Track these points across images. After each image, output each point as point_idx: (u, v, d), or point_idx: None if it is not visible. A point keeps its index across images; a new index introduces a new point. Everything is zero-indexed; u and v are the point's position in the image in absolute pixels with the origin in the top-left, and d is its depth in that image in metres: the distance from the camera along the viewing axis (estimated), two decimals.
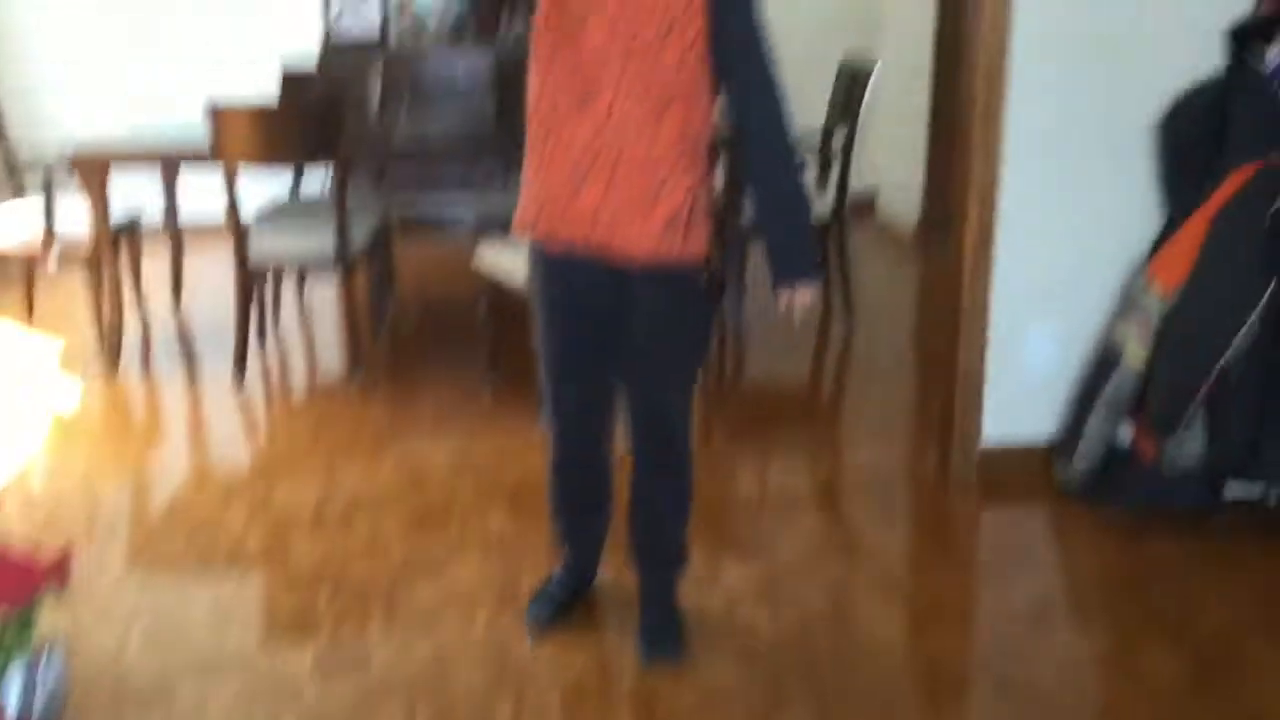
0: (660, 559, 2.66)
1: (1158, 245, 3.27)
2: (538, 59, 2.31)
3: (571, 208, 2.31)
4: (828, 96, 4.99)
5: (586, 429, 2.58)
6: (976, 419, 3.42)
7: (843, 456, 3.79)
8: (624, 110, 2.23)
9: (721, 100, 2.36)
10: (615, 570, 2.84)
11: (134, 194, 4.82)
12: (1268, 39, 3.14)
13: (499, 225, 4.80)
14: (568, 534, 2.75)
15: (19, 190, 4.71)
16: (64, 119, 6.19)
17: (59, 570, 1.39)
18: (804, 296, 2.39)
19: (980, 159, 3.24)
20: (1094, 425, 3.30)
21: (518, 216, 2.44)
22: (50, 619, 1.94)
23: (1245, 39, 3.16)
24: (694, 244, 2.31)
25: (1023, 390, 3.42)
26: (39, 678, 1.49)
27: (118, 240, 4.45)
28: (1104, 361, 3.31)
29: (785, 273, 2.37)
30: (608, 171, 2.26)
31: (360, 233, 4.33)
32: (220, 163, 4.01)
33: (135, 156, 4.36)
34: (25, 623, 1.40)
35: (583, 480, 2.66)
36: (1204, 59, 3.18)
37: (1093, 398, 3.31)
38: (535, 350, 2.56)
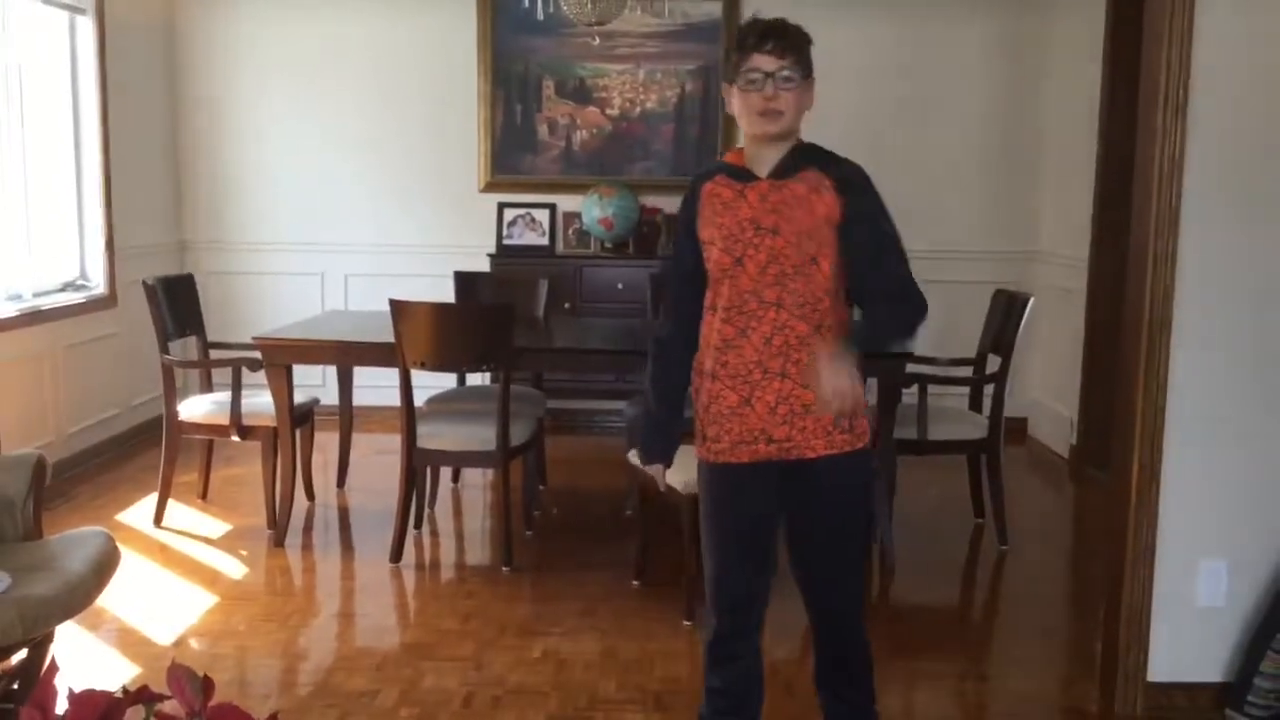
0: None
1: None
2: (705, 306, 2.60)
3: (747, 425, 2.53)
4: (982, 322, 5.06)
5: (749, 622, 2.66)
6: (1141, 655, 3.31)
7: (996, 683, 3.67)
8: (786, 332, 2.50)
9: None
10: None
11: (310, 375, 5.15)
12: None
13: None
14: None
15: (209, 376, 5.06)
16: (253, 304, 6.69)
17: None
18: (834, 354, 2.40)
19: (1145, 403, 3.23)
20: (1269, 669, 3.15)
21: (699, 439, 2.64)
22: None
23: None
24: (860, 433, 2.56)
25: (1192, 628, 3.30)
26: None
27: (295, 422, 4.72)
28: (1278, 605, 3.19)
29: (852, 337, 2.51)
30: (777, 385, 2.51)
31: (520, 429, 4.51)
32: (396, 363, 4.29)
33: (318, 350, 4.67)
34: None
35: (742, 670, 2.69)
36: None
37: (1266, 642, 3.18)
38: (702, 554, 2.67)
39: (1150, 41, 3.22)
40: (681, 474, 3.87)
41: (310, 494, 5.22)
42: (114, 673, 3.46)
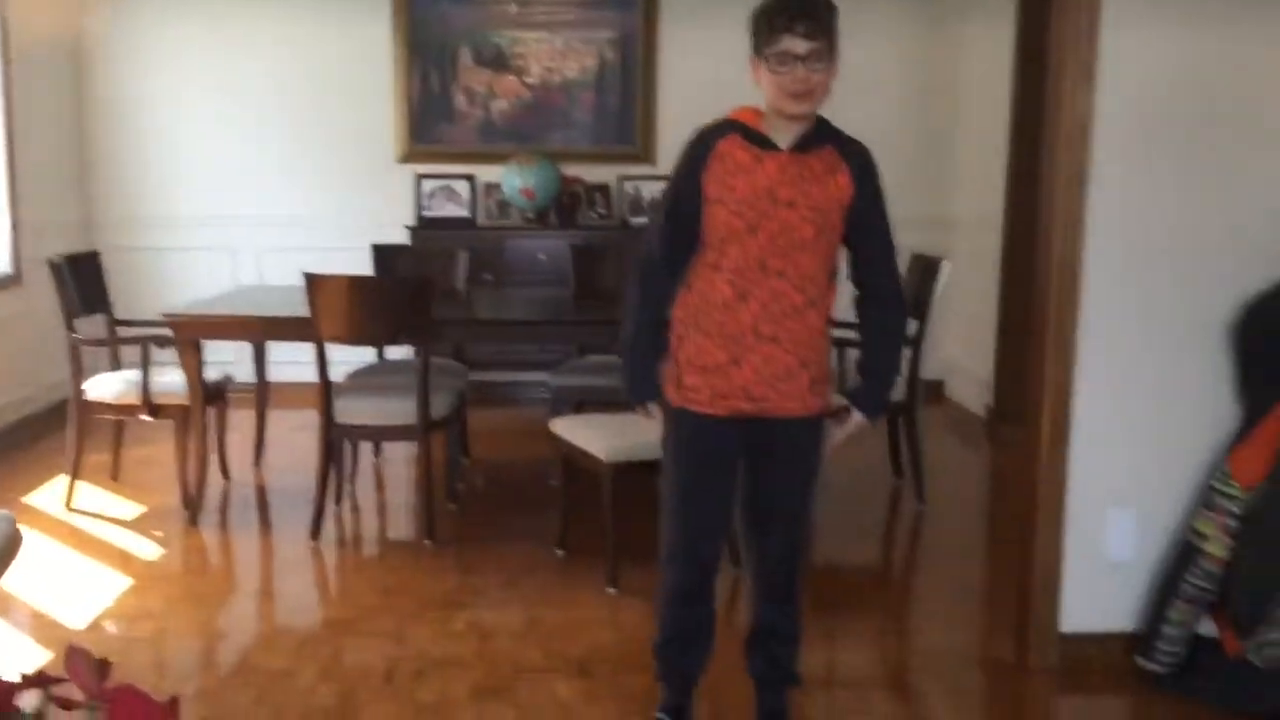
0: (785, 680, 2.91)
1: (1237, 440, 3.28)
2: (702, 261, 2.66)
3: (730, 381, 2.64)
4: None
5: (710, 567, 2.80)
6: (1054, 606, 3.39)
7: (915, 638, 3.74)
8: (783, 300, 2.60)
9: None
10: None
11: (223, 351, 5.05)
12: None
13: (573, 400, 4.95)
14: (672, 670, 2.89)
15: (117, 354, 4.93)
16: (162, 280, 6.54)
17: (172, 716, 1.43)
18: (855, 426, 2.76)
19: (1054, 354, 3.30)
20: (1175, 618, 3.25)
21: (673, 384, 2.72)
22: None
23: None
24: (825, 398, 2.74)
25: (1101, 579, 3.39)
26: None
27: (208, 399, 4.62)
28: (1184, 554, 3.28)
29: (870, 405, 2.76)
30: (766, 348, 2.62)
31: (440, 402, 4.47)
32: (311, 338, 4.22)
33: (230, 325, 4.57)
34: None
35: (697, 616, 2.84)
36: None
37: (1173, 590, 3.27)
38: (662, 499, 2.79)
39: (1058, 8, 3.26)
40: (605, 442, 3.88)
41: (226, 473, 5.13)
42: (25, 658, 3.38)
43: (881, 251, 2.70)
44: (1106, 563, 3.38)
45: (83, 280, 4.82)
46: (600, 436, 3.93)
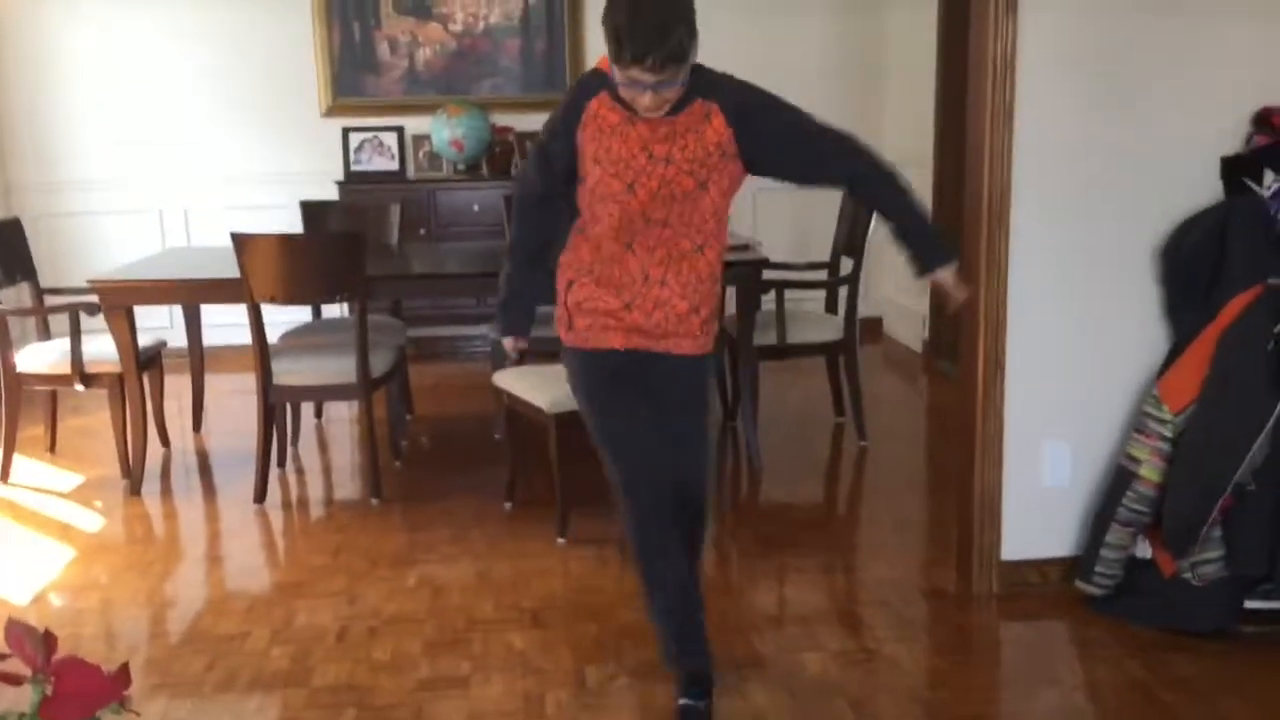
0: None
1: (1166, 365, 3.35)
2: (586, 214, 2.67)
3: (622, 322, 2.68)
4: (833, 229, 5.14)
5: (661, 476, 2.77)
6: (995, 535, 3.47)
7: (861, 573, 3.81)
8: (670, 246, 2.62)
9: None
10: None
11: (157, 317, 4.96)
12: (1262, 168, 3.28)
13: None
14: (658, 589, 2.81)
15: (46, 324, 4.82)
16: (88, 246, 6.38)
17: (120, 684, 1.42)
18: (950, 277, 2.71)
19: (986, 288, 3.35)
20: (1112, 541, 3.34)
21: (564, 326, 2.75)
22: None
23: (1242, 166, 3.30)
24: (713, 338, 2.79)
25: (1039, 507, 3.47)
26: None
27: (141, 366, 4.54)
28: (1119, 479, 3.36)
29: (940, 255, 2.71)
30: (656, 291, 2.65)
31: (380, 360, 4.43)
32: (244, 299, 4.15)
33: (159, 290, 4.48)
34: None
35: (666, 519, 2.78)
36: (1205, 184, 3.32)
37: (1110, 515, 3.35)
38: (599, 451, 2.78)
39: None
40: (547, 393, 3.88)
41: (165, 440, 5.06)
42: None
43: (814, 146, 2.65)
44: (1044, 490, 3.46)
45: (4, 249, 4.69)
46: (543, 388, 3.92)
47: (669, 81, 2.43)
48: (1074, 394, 3.43)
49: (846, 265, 4.95)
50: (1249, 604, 3.20)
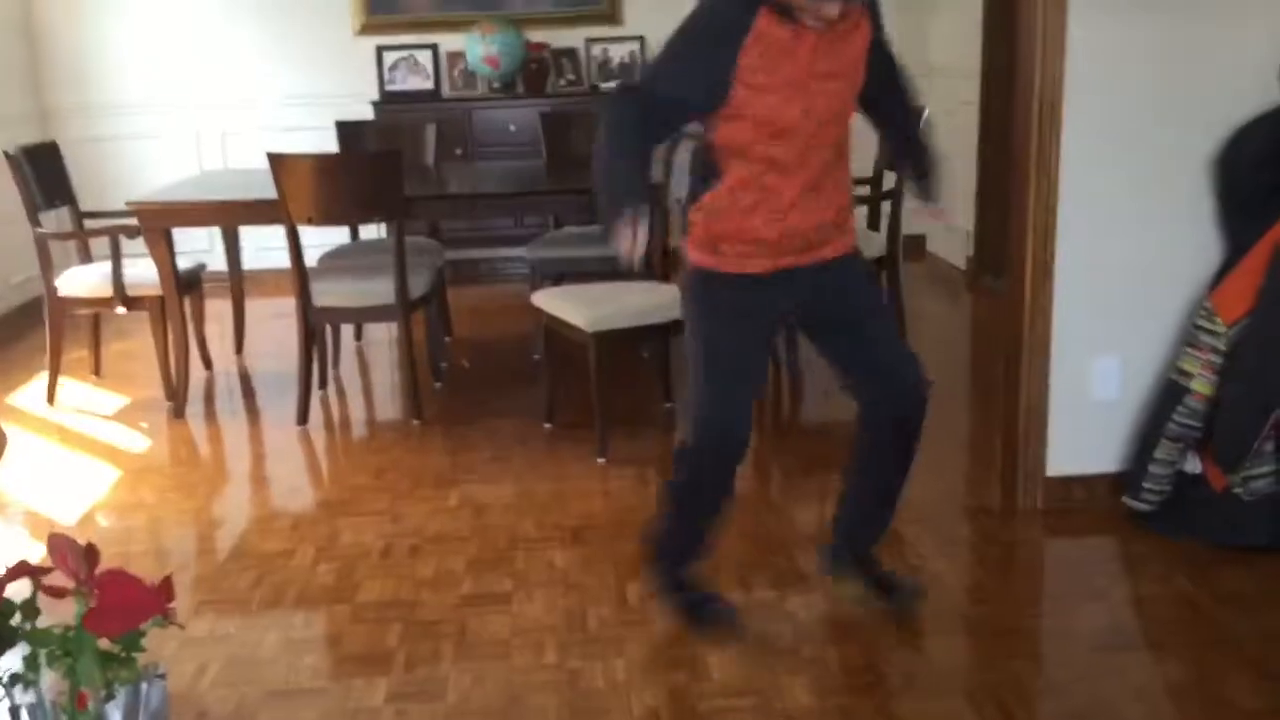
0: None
1: (1219, 277, 3.26)
2: (749, 151, 2.48)
3: (775, 248, 2.55)
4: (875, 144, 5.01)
5: (747, 425, 2.65)
6: (1040, 450, 3.41)
7: (904, 490, 3.77)
8: (825, 163, 2.54)
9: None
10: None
11: (196, 240, 4.96)
12: None
13: (552, 273, 4.90)
14: (700, 538, 2.80)
15: (86, 247, 4.84)
16: (126, 170, 6.38)
17: (164, 597, 1.43)
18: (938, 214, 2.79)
19: (1036, 197, 3.26)
20: (1161, 456, 3.28)
21: (704, 249, 2.59)
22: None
23: None
24: (854, 234, 2.73)
25: (1087, 421, 3.41)
26: (142, 702, 1.52)
27: (182, 289, 4.55)
28: (1169, 394, 3.29)
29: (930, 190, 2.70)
30: (809, 203, 2.54)
31: (418, 281, 4.41)
32: (282, 221, 4.13)
33: (197, 211, 4.47)
34: (132, 646, 1.44)
35: (728, 477, 2.70)
36: (1261, 90, 3.19)
37: (1159, 430, 3.29)
38: (694, 360, 2.62)
39: None
40: (586, 312, 3.85)
41: (207, 363, 5.10)
42: (21, 555, 3.38)
43: (892, 73, 2.69)
44: (1092, 404, 3.39)
45: (43, 173, 4.69)
46: (582, 307, 3.89)
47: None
48: (1125, 305, 3.34)
49: (889, 181, 4.85)
50: None
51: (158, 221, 4.34)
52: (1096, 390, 3.39)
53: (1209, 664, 2.66)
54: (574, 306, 3.93)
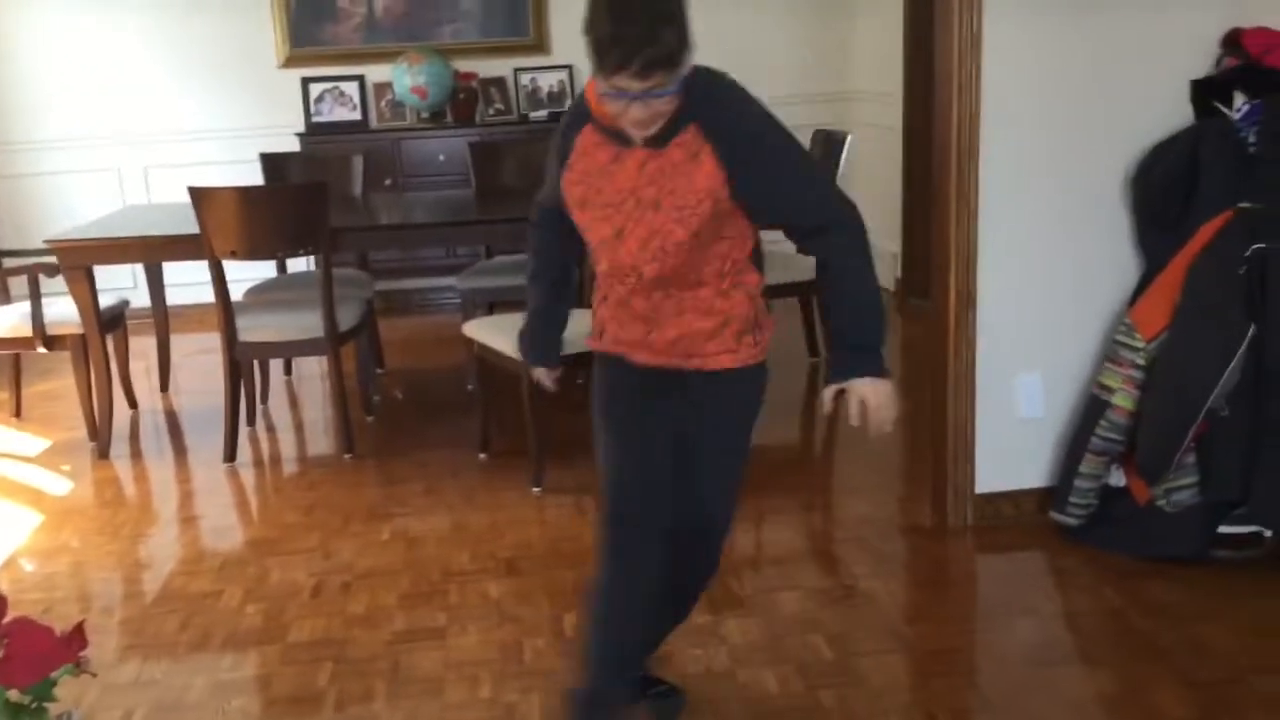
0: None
1: (1138, 293, 3.34)
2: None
3: (653, 345, 2.33)
4: None
5: (659, 522, 2.36)
6: (969, 469, 3.46)
7: (837, 511, 3.81)
8: (679, 300, 2.27)
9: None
10: None
11: (120, 277, 4.87)
12: (1232, 90, 3.25)
13: (483, 302, 4.88)
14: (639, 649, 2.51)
15: (5, 287, 4.73)
16: (48, 207, 6.26)
17: (76, 644, 1.39)
18: (876, 395, 2.31)
19: (958, 227, 3.31)
20: (1086, 471, 3.33)
21: (595, 334, 2.43)
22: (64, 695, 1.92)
23: (1212, 89, 3.27)
24: (762, 349, 2.39)
25: (1013, 439, 3.46)
26: None
27: (104, 327, 4.46)
28: (1092, 408, 3.36)
29: (852, 369, 2.32)
30: (673, 322, 2.29)
31: (347, 313, 4.37)
32: (205, 256, 4.07)
33: (117, 248, 4.38)
34: (44, 696, 1.40)
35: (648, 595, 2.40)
36: (1174, 109, 3.29)
37: (1083, 445, 3.35)
38: (599, 461, 2.41)
39: None
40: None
41: (132, 401, 5.00)
42: None
43: (796, 206, 2.28)
44: (1017, 422, 3.45)
45: None
46: (514, 336, 3.87)
47: (661, 86, 2.02)
48: (1046, 325, 3.41)
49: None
50: (1223, 529, 3.21)
51: (77, 259, 4.26)
52: (1021, 408, 3.45)
53: (1138, 675, 2.70)
54: (506, 336, 3.90)
